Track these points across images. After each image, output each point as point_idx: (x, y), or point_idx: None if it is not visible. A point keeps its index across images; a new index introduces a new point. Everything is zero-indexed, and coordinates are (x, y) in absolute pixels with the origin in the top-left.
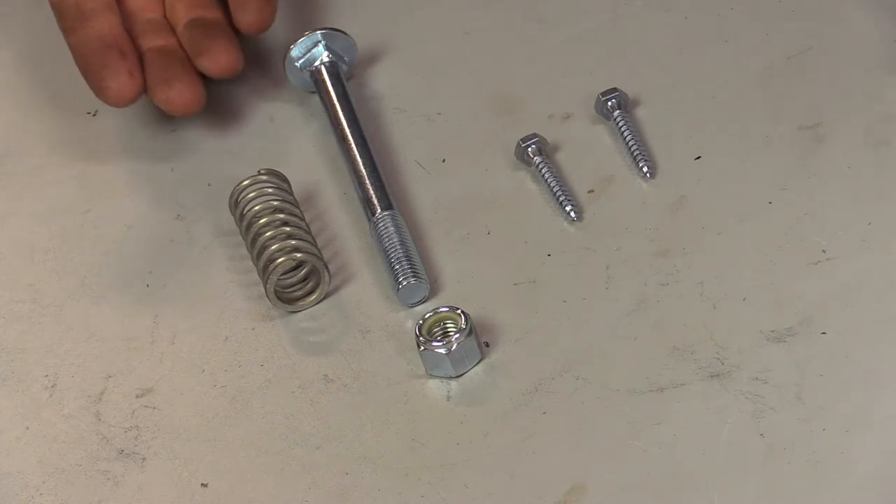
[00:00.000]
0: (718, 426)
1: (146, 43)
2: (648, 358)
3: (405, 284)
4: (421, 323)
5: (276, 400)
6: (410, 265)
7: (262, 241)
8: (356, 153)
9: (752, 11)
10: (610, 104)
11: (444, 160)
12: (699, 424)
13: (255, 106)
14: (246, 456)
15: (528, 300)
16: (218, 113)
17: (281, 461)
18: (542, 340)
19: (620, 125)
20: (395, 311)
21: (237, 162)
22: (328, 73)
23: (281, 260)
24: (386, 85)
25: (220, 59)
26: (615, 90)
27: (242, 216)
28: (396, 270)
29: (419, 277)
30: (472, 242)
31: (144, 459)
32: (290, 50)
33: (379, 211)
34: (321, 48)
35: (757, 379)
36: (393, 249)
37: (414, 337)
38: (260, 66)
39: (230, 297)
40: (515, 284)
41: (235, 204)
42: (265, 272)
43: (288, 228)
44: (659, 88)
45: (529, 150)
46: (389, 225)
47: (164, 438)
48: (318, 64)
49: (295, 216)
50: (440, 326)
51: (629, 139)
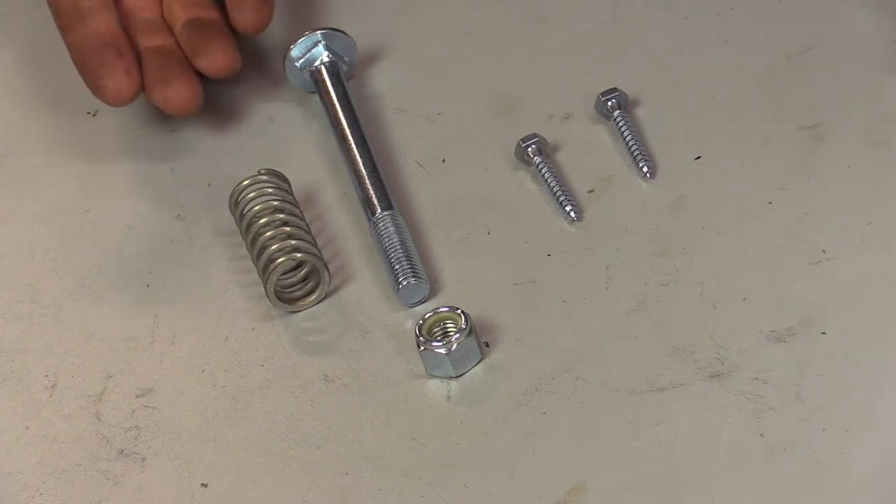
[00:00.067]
0: (718, 426)
1: (144, 42)
2: (648, 358)
3: (405, 284)
4: (421, 323)
5: (276, 400)
6: (410, 265)
7: (262, 241)
8: (356, 153)
9: (752, 11)
10: (610, 104)
11: (444, 160)
12: (699, 424)
13: (254, 106)
14: (246, 456)
15: (528, 300)
16: (218, 113)
17: (281, 461)
18: (542, 340)
19: (620, 125)
20: (395, 311)
21: (237, 162)
22: (328, 73)
23: (281, 260)
24: (386, 85)
25: (217, 58)
26: (615, 90)
27: (242, 216)
28: (396, 270)
29: (419, 277)
30: (472, 242)
31: (144, 459)
32: (290, 50)
33: (379, 211)
34: (321, 48)
35: (757, 379)
36: (393, 249)
37: (414, 337)
38: (260, 66)
39: (230, 297)
40: (515, 284)
41: (235, 204)
42: (265, 272)
43: (288, 228)
44: (659, 88)
45: (529, 150)
46: (389, 225)
47: (164, 438)
48: (318, 64)
49: (295, 216)
50: (440, 326)
51: (629, 139)
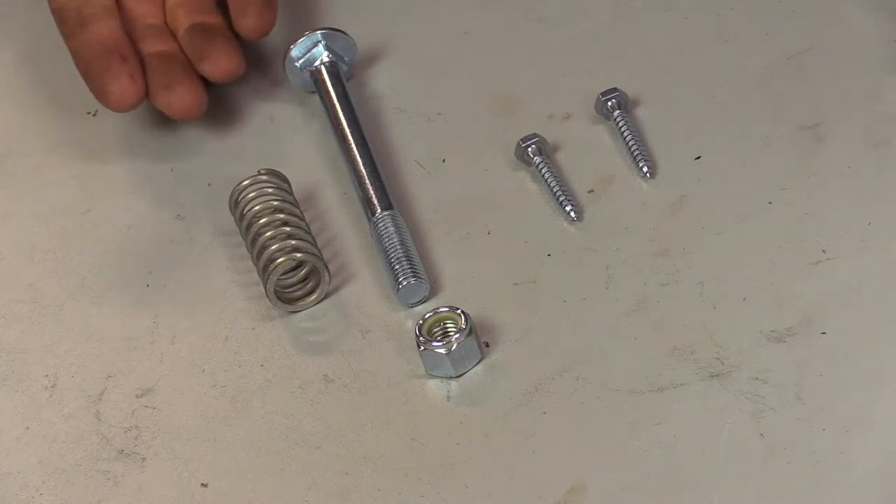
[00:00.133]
0: (718, 426)
1: (147, 48)
2: (648, 358)
3: (405, 284)
4: (421, 323)
5: (276, 400)
6: (410, 265)
7: (262, 241)
8: (356, 153)
9: (752, 11)
10: (610, 104)
11: (444, 160)
12: (699, 424)
13: (255, 106)
14: (246, 456)
15: (528, 300)
16: (218, 113)
17: (281, 461)
18: (542, 340)
19: (620, 125)
20: (395, 311)
21: (237, 162)
22: (328, 73)
23: (281, 260)
24: (386, 85)
25: (221, 62)
26: (615, 90)
27: (242, 216)
28: (396, 270)
29: (419, 277)
30: (472, 242)
31: (144, 459)
32: (290, 50)
33: (379, 211)
34: (321, 48)
35: (757, 379)
36: (393, 249)
37: (414, 337)
38: (260, 66)
39: (230, 297)
40: (515, 284)
41: (235, 204)
42: (265, 272)
43: (288, 228)
44: (659, 88)
45: (529, 150)
46: (389, 225)
47: (164, 438)
48: (318, 64)
49: (295, 216)
50: (440, 326)
51: (629, 139)
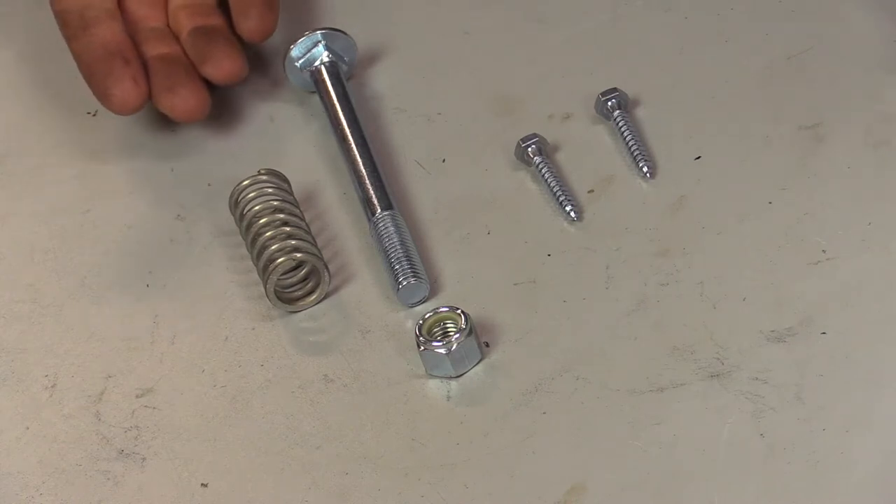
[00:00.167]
0: (718, 426)
1: (150, 51)
2: (648, 358)
3: (405, 284)
4: (421, 323)
5: (276, 400)
6: (410, 265)
7: (262, 241)
8: (356, 153)
9: (752, 11)
10: (610, 104)
11: (444, 160)
12: (699, 424)
13: (255, 106)
14: (246, 456)
15: (528, 300)
16: (218, 113)
17: (281, 461)
18: (542, 340)
19: (620, 125)
20: (395, 311)
21: (237, 162)
22: (328, 73)
23: (281, 260)
24: (386, 85)
25: (224, 65)
26: (615, 90)
27: (242, 216)
28: (396, 270)
29: (419, 277)
30: (472, 242)
31: (144, 459)
32: (290, 50)
33: (379, 211)
34: (321, 48)
35: (757, 379)
36: (393, 249)
37: (414, 337)
38: (260, 66)
39: (230, 297)
40: (515, 284)
41: (235, 204)
42: (265, 272)
43: (288, 228)
44: (659, 88)
45: (529, 150)
46: (389, 225)
47: (164, 438)
48: (318, 64)
49: (295, 216)
50: (440, 326)
51: (629, 139)
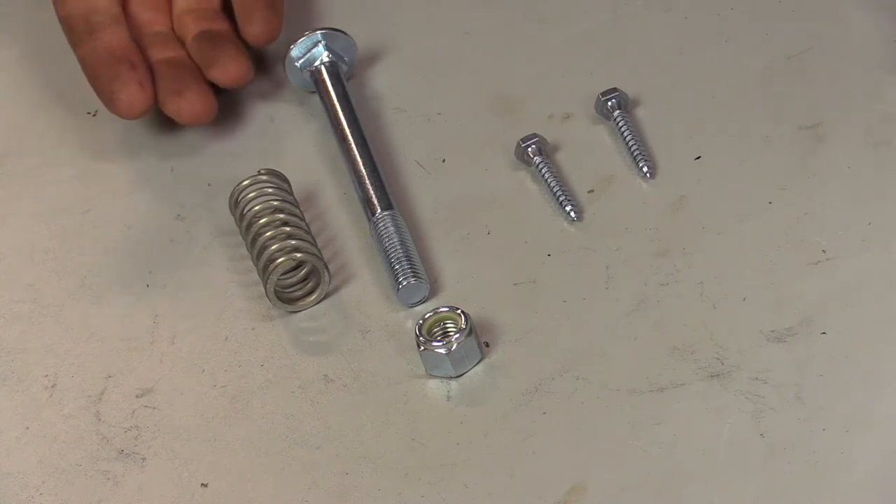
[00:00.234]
0: (718, 426)
1: (155, 55)
2: (648, 358)
3: (405, 284)
4: (421, 323)
5: (276, 400)
6: (410, 265)
7: (262, 241)
8: (356, 153)
9: (752, 11)
10: (610, 104)
11: (444, 160)
12: (699, 424)
13: (255, 106)
14: (246, 456)
15: (528, 300)
16: (218, 113)
17: (281, 461)
18: (542, 340)
19: (620, 125)
20: (395, 311)
21: (237, 162)
22: (328, 73)
23: (281, 260)
24: (386, 85)
25: (230, 68)
26: (615, 90)
27: (242, 216)
28: (396, 270)
29: (419, 277)
30: (472, 242)
31: (144, 459)
32: (290, 50)
33: (379, 211)
34: (321, 48)
35: (757, 379)
36: (393, 249)
37: (414, 337)
38: (260, 66)
39: (230, 297)
40: (515, 284)
41: (235, 204)
42: (265, 272)
43: (288, 228)
44: (659, 88)
45: (529, 150)
46: (389, 225)
47: (164, 438)
48: (318, 64)
49: (295, 216)
50: (440, 326)
51: (629, 139)
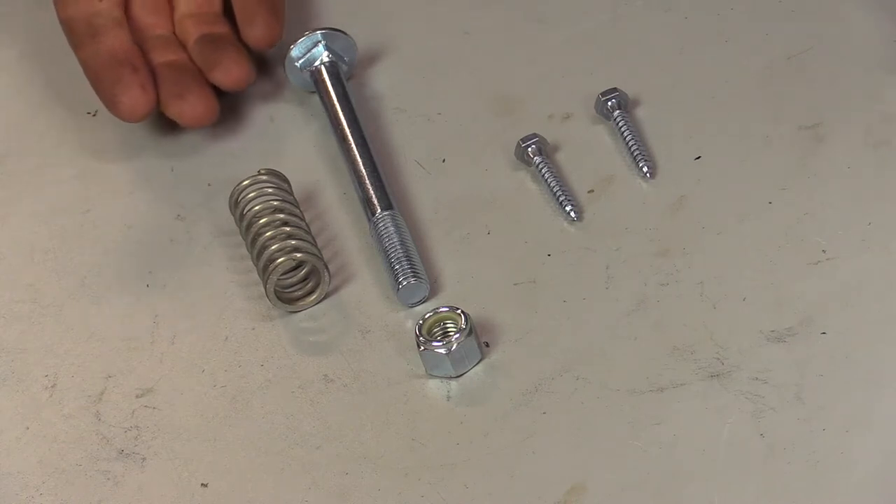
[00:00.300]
0: (718, 426)
1: (157, 58)
2: (648, 358)
3: (405, 284)
4: (421, 323)
5: (276, 400)
6: (410, 265)
7: (262, 241)
8: (356, 153)
9: (752, 11)
10: (610, 104)
11: (444, 160)
12: (699, 424)
13: (255, 106)
14: (246, 456)
15: (528, 300)
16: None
17: (281, 461)
18: (542, 340)
19: (620, 125)
20: (395, 311)
21: (237, 162)
22: (328, 73)
23: (281, 260)
24: (386, 85)
25: (232, 71)
26: (615, 90)
27: (242, 216)
28: (396, 270)
29: (419, 277)
30: (472, 242)
31: (144, 459)
32: (290, 50)
33: (379, 211)
34: (321, 48)
35: (757, 379)
36: (393, 249)
37: (414, 337)
38: (260, 66)
39: (230, 297)
40: (515, 284)
41: (235, 204)
42: (265, 272)
43: (288, 228)
44: (659, 88)
45: (529, 150)
46: (389, 225)
47: (164, 438)
48: (318, 64)
49: (295, 216)
50: (440, 326)
51: (629, 139)
